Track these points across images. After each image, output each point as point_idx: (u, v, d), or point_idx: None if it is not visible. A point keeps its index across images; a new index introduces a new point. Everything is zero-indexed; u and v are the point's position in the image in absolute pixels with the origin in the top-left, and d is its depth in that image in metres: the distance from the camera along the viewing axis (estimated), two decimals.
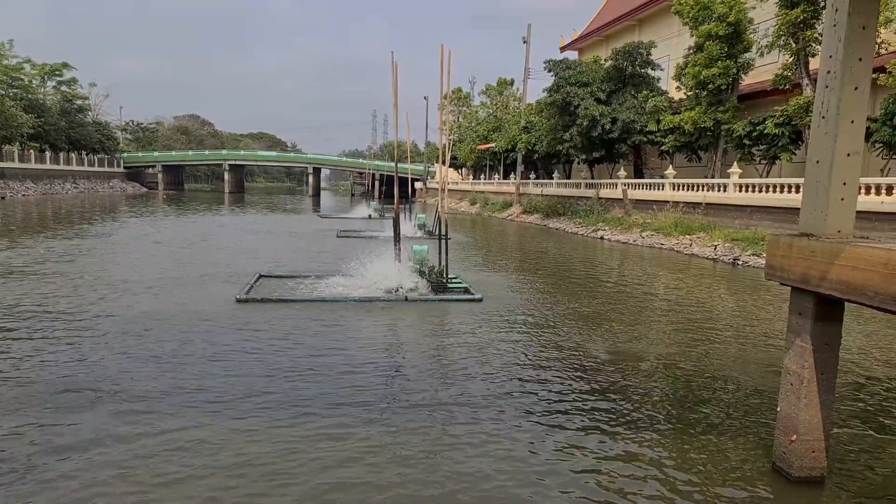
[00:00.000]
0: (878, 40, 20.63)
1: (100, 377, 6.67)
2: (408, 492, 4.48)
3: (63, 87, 72.01)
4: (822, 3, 20.60)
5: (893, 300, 3.77)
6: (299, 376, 6.89)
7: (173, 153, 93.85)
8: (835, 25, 4.46)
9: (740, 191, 22.59)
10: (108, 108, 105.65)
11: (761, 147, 24.00)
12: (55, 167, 63.56)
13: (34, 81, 67.87)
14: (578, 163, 38.77)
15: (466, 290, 12.04)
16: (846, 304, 4.44)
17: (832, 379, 4.66)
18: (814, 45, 21.98)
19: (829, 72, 4.50)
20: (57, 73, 70.47)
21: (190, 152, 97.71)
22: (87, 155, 71.83)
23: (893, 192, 16.45)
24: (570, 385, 6.90)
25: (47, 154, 62.89)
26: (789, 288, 4.75)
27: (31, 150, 60.19)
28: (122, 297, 10.91)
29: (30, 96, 62.45)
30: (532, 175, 45.72)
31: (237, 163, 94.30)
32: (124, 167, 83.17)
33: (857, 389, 7.08)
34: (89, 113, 78.17)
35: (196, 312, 9.87)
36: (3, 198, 47.66)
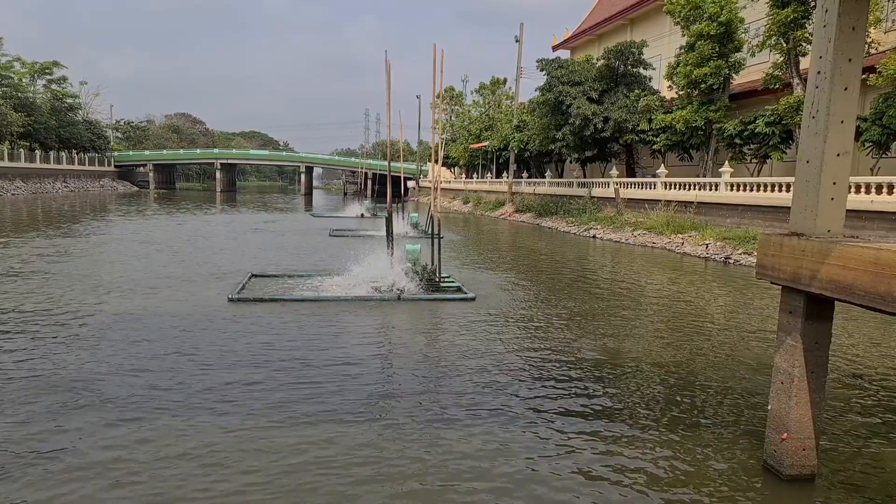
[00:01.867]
0: (868, 40, 20.78)
1: (87, 378, 6.62)
2: (401, 491, 4.48)
3: (53, 86, 71.54)
4: (813, 3, 20.72)
5: (882, 299, 3.80)
6: (292, 376, 6.88)
7: (164, 152, 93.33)
8: (825, 26, 4.49)
9: (731, 190, 22.70)
10: (99, 107, 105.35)
11: (752, 146, 24.14)
12: (45, 166, 63.17)
13: (24, 80, 67.38)
14: (571, 162, 38.84)
15: (459, 289, 12.05)
16: (836, 303, 4.47)
17: (822, 377, 4.70)
18: (804, 44, 22.10)
19: (818, 72, 4.53)
20: (47, 71, 70.04)
21: (181, 151, 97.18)
22: (77, 154, 71.39)
23: (883, 191, 16.57)
24: (562, 384, 6.91)
25: (37, 153, 62.49)
26: (780, 287, 4.78)
27: (21, 149, 59.78)
28: (110, 298, 10.84)
29: (19, 95, 61.98)
30: (524, 174, 45.78)
31: (229, 162, 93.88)
32: (115, 166, 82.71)
33: (847, 388, 7.12)
34: (80, 111, 77.70)
35: (188, 313, 9.82)
36: None
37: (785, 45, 22.58)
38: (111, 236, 22.08)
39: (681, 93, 27.40)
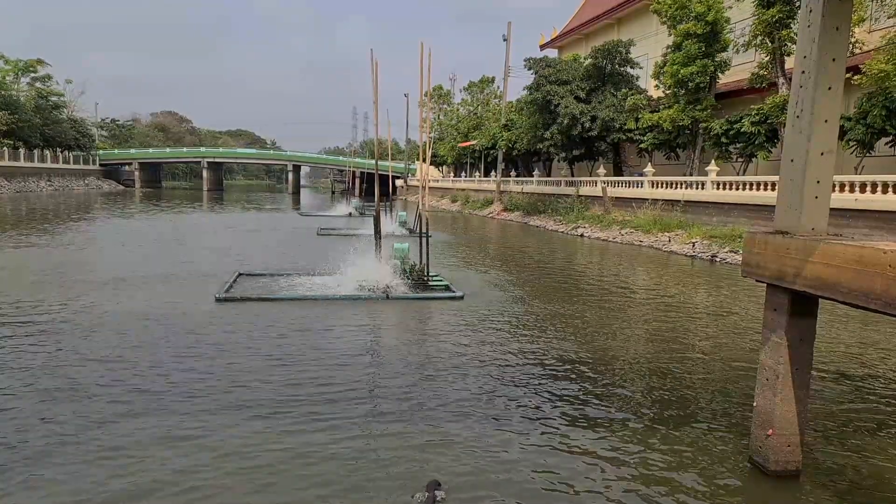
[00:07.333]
0: (853, 40, 20.97)
1: (72, 378, 6.56)
2: (388, 491, 4.48)
3: (38, 84, 70.80)
4: (798, 3, 20.89)
5: (865, 296, 3.84)
6: (279, 376, 6.85)
7: (150, 150, 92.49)
8: (809, 26, 4.53)
9: (718, 188, 22.85)
10: (84, 105, 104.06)
11: (738, 145, 24.31)
12: (29, 164, 62.44)
13: (7, 78, 66.60)
14: (558, 160, 38.93)
15: (447, 288, 12.05)
16: (820, 300, 4.51)
17: (807, 374, 4.75)
18: (789, 44, 22.28)
19: (803, 72, 4.57)
20: (31, 69, 69.31)
21: (167, 149, 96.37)
22: (62, 152, 70.63)
23: (867, 189, 16.76)
24: (550, 383, 6.94)
25: (21, 151, 61.72)
26: (765, 284, 4.82)
27: (5, 148, 59.06)
28: (95, 297, 10.73)
29: (3, 93, 61.18)
30: (512, 173, 45.85)
31: (216, 160, 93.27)
32: (100, 165, 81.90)
33: (831, 384, 7.20)
34: (64, 110, 76.87)
35: (175, 312, 9.75)
36: None
37: (770, 44, 22.76)
38: (95, 235, 21.87)
39: (667, 92, 27.54)
